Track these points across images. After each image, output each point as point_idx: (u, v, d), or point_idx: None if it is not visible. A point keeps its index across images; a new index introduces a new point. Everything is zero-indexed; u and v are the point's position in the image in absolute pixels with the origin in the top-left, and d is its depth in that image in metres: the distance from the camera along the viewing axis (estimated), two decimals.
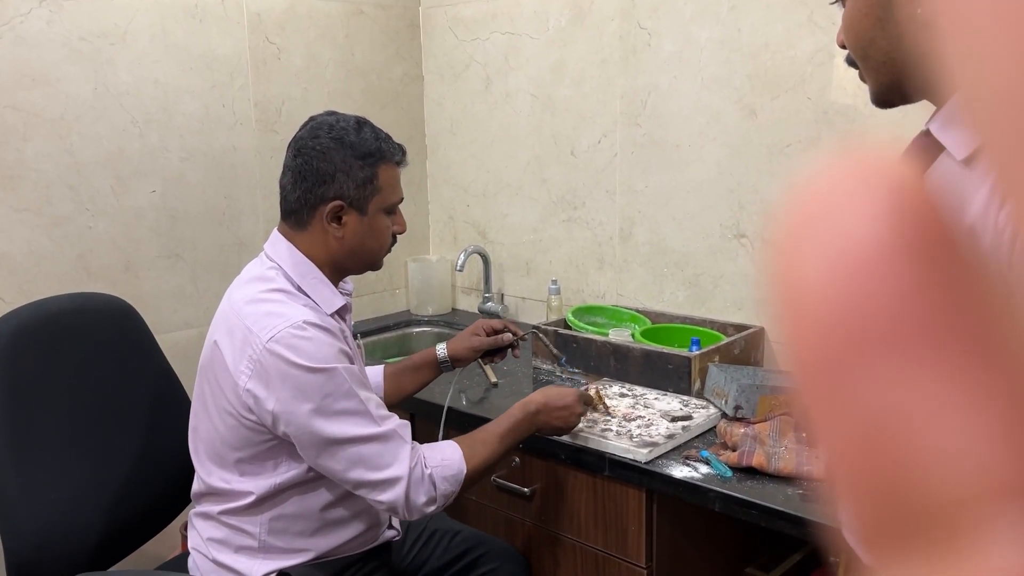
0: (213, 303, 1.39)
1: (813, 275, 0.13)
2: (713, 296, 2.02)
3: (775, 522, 1.30)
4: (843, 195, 0.14)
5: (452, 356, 1.62)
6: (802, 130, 1.81)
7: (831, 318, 0.13)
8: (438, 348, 1.64)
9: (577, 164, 2.23)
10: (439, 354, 1.63)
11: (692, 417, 1.62)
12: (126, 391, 1.53)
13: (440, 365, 1.63)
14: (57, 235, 1.85)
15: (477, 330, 1.64)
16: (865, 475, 0.13)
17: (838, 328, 0.13)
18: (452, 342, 1.64)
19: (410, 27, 2.51)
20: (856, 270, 0.13)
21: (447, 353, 1.62)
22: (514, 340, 1.64)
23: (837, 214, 0.13)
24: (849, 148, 0.14)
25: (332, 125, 1.29)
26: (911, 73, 0.80)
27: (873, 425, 0.13)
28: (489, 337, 1.62)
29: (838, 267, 0.13)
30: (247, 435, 1.26)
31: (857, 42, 0.83)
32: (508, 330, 1.64)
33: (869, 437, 0.13)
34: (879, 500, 0.13)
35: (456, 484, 1.31)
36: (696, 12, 1.93)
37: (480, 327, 1.64)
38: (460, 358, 1.63)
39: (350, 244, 1.31)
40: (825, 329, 0.13)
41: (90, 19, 1.85)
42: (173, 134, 2.01)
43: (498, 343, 1.63)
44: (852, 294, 0.13)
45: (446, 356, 1.63)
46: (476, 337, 1.62)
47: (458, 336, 1.66)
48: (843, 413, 0.13)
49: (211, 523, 1.34)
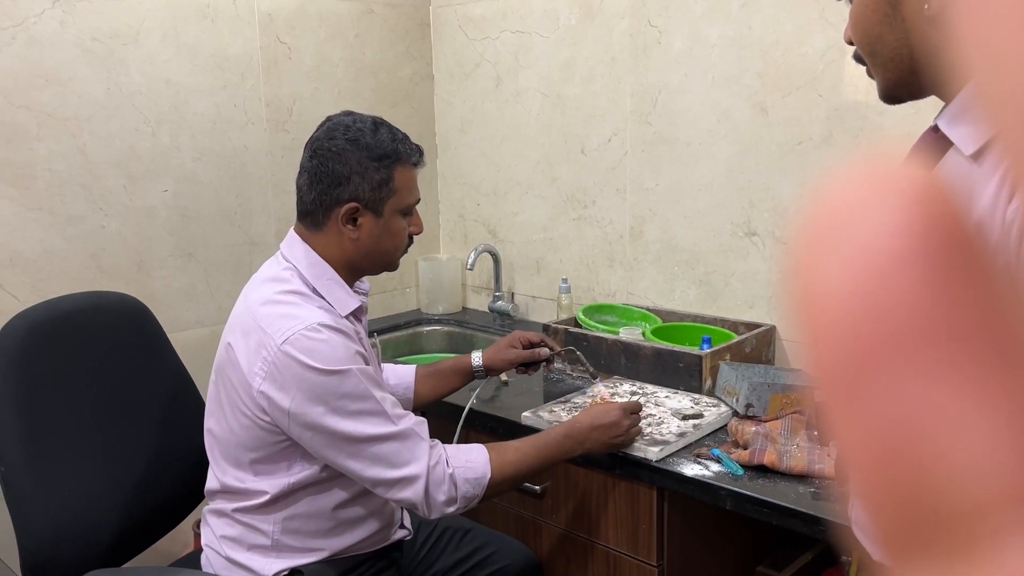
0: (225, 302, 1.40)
1: (834, 284, 0.13)
2: (724, 294, 2.02)
3: (786, 520, 1.30)
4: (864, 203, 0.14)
5: (487, 365, 1.64)
6: (813, 127, 1.80)
7: (852, 327, 0.13)
8: (473, 356, 1.65)
9: (587, 162, 2.23)
10: (474, 362, 1.64)
11: (703, 415, 1.62)
12: (139, 389, 1.54)
13: (474, 373, 1.64)
14: (70, 234, 1.86)
15: (514, 342, 1.64)
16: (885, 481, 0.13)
17: (859, 336, 0.13)
18: (488, 351, 1.65)
19: (420, 26, 2.52)
20: (877, 279, 0.13)
21: (482, 362, 1.63)
22: (551, 355, 1.64)
23: (858, 222, 0.13)
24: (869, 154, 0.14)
25: (348, 126, 1.29)
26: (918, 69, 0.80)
27: (893, 432, 0.13)
28: (526, 350, 1.63)
29: (859, 276, 0.13)
30: (262, 436, 1.27)
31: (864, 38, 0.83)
32: (545, 344, 1.64)
33: (889, 444, 0.13)
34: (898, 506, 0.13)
35: (479, 488, 1.30)
36: (706, 9, 1.93)
37: (517, 339, 1.64)
38: (495, 368, 1.64)
39: (365, 246, 1.31)
40: (846, 337, 0.13)
41: (102, 19, 1.86)
42: (185, 134, 2.02)
43: (535, 357, 1.63)
44: (873, 303, 0.13)
45: (481, 365, 1.64)
46: (513, 349, 1.63)
47: (495, 346, 1.66)
48: (863, 420, 0.13)
49: (225, 520, 1.35)
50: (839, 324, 0.13)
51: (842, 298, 0.13)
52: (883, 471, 0.13)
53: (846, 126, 1.75)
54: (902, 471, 0.13)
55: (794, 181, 1.85)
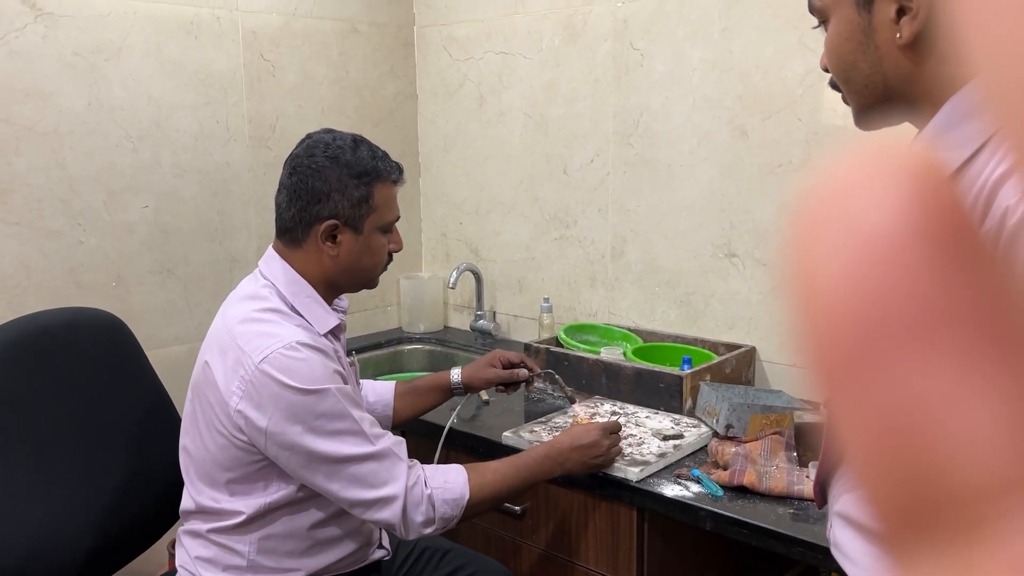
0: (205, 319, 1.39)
1: (832, 268, 0.13)
2: (704, 315, 2.03)
3: (766, 541, 1.30)
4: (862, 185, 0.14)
5: (466, 383, 1.63)
6: (793, 150, 1.82)
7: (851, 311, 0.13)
8: (452, 374, 1.64)
9: (570, 183, 2.24)
10: (453, 379, 1.63)
11: (683, 436, 1.62)
12: (115, 406, 1.52)
13: (453, 390, 1.64)
14: (48, 249, 1.84)
15: (494, 361, 1.63)
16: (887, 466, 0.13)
17: (858, 321, 0.13)
18: (467, 369, 1.64)
19: (404, 46, 2.53)
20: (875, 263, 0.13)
21: (461, 380, 1.63)
22: (529, 376, 1.64)
23: (856, 204, 0.13)
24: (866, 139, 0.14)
25: (328, 143, 1.29)
26: (892, 96, 0.81)
27: (894, 416, 0.13)
28: (505, 370, 1.62)
29: (857, 260, 0.13)
30: (238, 455, 1.26)
31: (839, 65, 0.84)
32: (524, 365, 1.64)
33: (891, 428, 0.13)
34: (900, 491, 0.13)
35: (457, 508, 1.29)
36: (688, 33, 1.95)
37: (497, 358, 1.64)
38: (473, 387, 1.64)
39: (345, 263, 1.31)
40: (846, 321, 0.13)
41: (85, 34, 1.85)
42: (166, 149, 2.01)
43: (513, 377, 1.62)
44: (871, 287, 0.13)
45: (460, 383, 1.63)
46: (492, 369, 1.62)
47: (474, 364, 1.65)
48: (864, 404, 0.13)
49: (200, 541, 1.33)
50: (838, 308, 0.13)
51: (840, 282, 0.13)
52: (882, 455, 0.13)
53: (824, 150, 1.77)
54: (901, 455, 0.13)
55: (774, 203, 1.87)
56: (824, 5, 0.85)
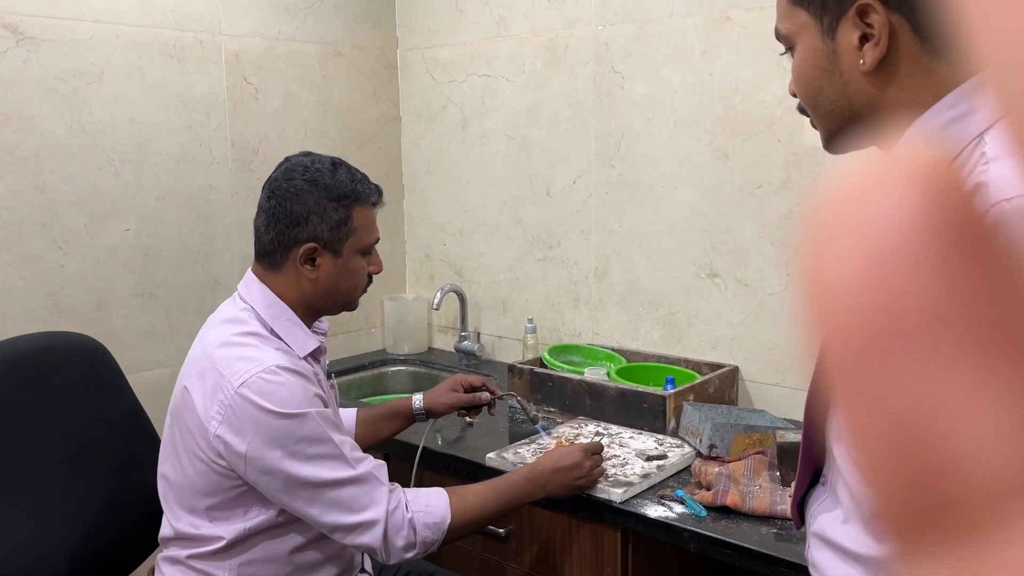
0: (187, 342, 1.38)
1: (845, 269, 0.13)
2: (687, 335, 2.04)
3: (749, 561, 1.30)
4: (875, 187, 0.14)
5: (428, 408, 1.62)
6: (773, 172, 1.84)
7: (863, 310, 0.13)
8: (414, 399, 1.63)
9: (552, 204, 2.25)
10: (415, 405, 1.63)
11: (667, 456, 1.62)
12: (95, 431, 1.50)
13: (415, 415, 1.63)
14: (28, 273, 1.83)
15: (456, 385, 1.63)
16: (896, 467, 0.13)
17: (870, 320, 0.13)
18: (429, 394, 1.64)
19: (387, 68, 2.54)
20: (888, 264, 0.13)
21: (423, 405, 1.62)
22: (491, 399, 1.64)
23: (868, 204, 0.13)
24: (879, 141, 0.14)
25: (307, 167, 1.29)
26: (857, 120, 0.83)
27: (905, 417, 0.13)
28: (467, 394, 1.62)
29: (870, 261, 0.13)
30: (218, 481, 1.24)
31: (806, 91, 0.86)
32: (487, 388, 1.64)
33: (900, 429, 0.13)
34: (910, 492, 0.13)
35: (439, 532, 1.29)
36: (668, 56, 1.97)
37: (459, 382, 1.64)
38: (435, 411, 1.63)
39: (324, 286, 1.31)
40: (857, 321, 0.13)
41: (67, 58, 1.85)
42: (148, 172, 2.01)
43: (475, 401, 1.62)
44: (884, 288, 0.13)
45: (422, 408, 1.62)
46: (454, 393, 1.62)
47: (436, 388, 1.65)
48: (874, 405, 0.13)
49: (179, 568, 1.31)
50: (850, 309, 0.13)
51: (852, 283, 0.13)
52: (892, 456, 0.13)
53: (803, 171, 1.79)
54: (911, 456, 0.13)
55: (755, 224, 1.88)
56: (789, 32, 0.87)
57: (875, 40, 0.77)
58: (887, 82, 0.79)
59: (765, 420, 1.70)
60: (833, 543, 0.88)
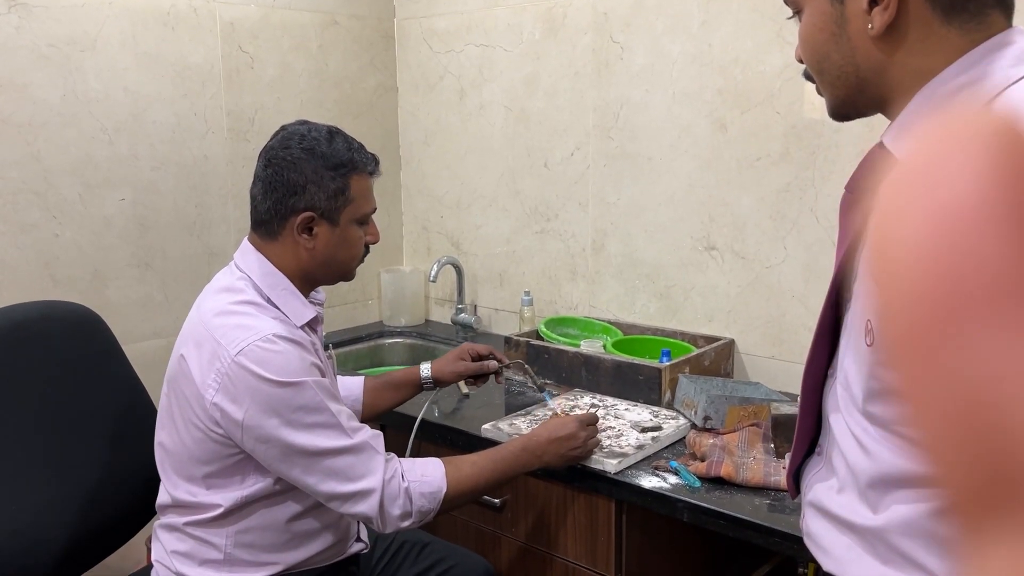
0: (183, 312, 1.38)
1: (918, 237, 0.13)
2: (684, 308, 2.04)
3: (743, 532, 1.31)
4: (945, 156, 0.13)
5: (436, 377, 1.64)
6: (771, 144, 1.83)
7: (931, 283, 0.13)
8: (422, 368, 1.64)
9: (550, 176, 2.24)
10: (423, 373, 1.64)
11: (662, 428, 1.63)
12: (91, 401, 1.51)
13: (422, 384, 1.64)
14: (23, 243, 1.82)
15: (463, 354, 1.65)
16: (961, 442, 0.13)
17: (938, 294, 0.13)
18: (437, 363, 1.65)
19: (384, 38, 2.51)
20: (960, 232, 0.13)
21: (431, 374, 1.63)
22: (499, 367, 1.65)
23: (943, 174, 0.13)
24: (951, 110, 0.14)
25: (304, 135, 1.28)
26: (864, 87, 0.82)
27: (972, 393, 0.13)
28: (475, 363, 1.64)
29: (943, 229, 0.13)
30: (215, 449, 1.25)
31: (813, 56, 0.85)
32: (494, 356, 1.65)
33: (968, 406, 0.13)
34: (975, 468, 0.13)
35: (434, 502, 1.30)
36: (667, 27, 1.95)
37: (466, 351, 1.65)
38: (443, 380, 1.65)
39: (321, 255, 1.30)
40: (925, 294, 0.13)
41: (60, 25, 1.83)
42: (143, 142, 1.99)
43: (483, 369, 1.64)
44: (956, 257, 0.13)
45: (430, 377, 1.64)
46: (462, 362, 1.64)
47: (443, 357, 1.66)
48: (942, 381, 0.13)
49: (176, 535, 1.32)
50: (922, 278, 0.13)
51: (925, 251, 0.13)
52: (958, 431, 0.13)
53: (803, 143, 1.78)
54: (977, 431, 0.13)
55: (753, 196, 1.88)
56: None
57: (884, 4, 0.76)
58: (896, 47, 0.78)
59: (760, 392, 1.70)
60: (828, 512, 0.88)
